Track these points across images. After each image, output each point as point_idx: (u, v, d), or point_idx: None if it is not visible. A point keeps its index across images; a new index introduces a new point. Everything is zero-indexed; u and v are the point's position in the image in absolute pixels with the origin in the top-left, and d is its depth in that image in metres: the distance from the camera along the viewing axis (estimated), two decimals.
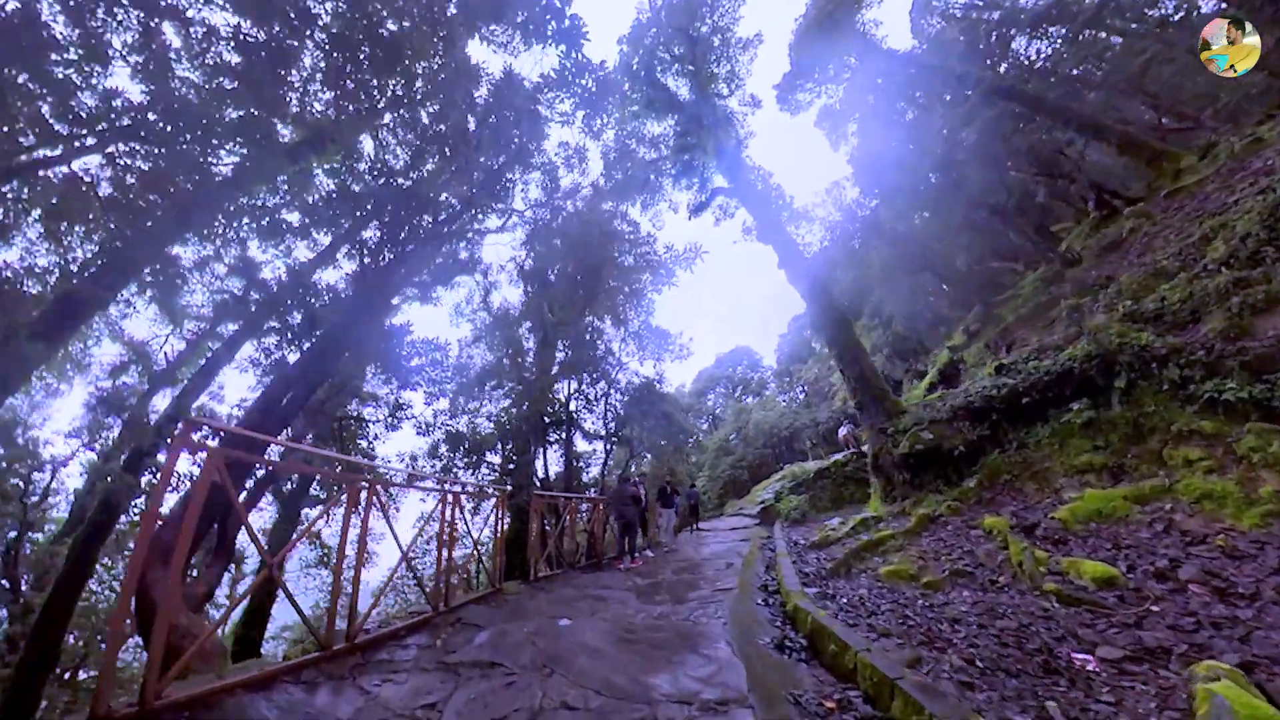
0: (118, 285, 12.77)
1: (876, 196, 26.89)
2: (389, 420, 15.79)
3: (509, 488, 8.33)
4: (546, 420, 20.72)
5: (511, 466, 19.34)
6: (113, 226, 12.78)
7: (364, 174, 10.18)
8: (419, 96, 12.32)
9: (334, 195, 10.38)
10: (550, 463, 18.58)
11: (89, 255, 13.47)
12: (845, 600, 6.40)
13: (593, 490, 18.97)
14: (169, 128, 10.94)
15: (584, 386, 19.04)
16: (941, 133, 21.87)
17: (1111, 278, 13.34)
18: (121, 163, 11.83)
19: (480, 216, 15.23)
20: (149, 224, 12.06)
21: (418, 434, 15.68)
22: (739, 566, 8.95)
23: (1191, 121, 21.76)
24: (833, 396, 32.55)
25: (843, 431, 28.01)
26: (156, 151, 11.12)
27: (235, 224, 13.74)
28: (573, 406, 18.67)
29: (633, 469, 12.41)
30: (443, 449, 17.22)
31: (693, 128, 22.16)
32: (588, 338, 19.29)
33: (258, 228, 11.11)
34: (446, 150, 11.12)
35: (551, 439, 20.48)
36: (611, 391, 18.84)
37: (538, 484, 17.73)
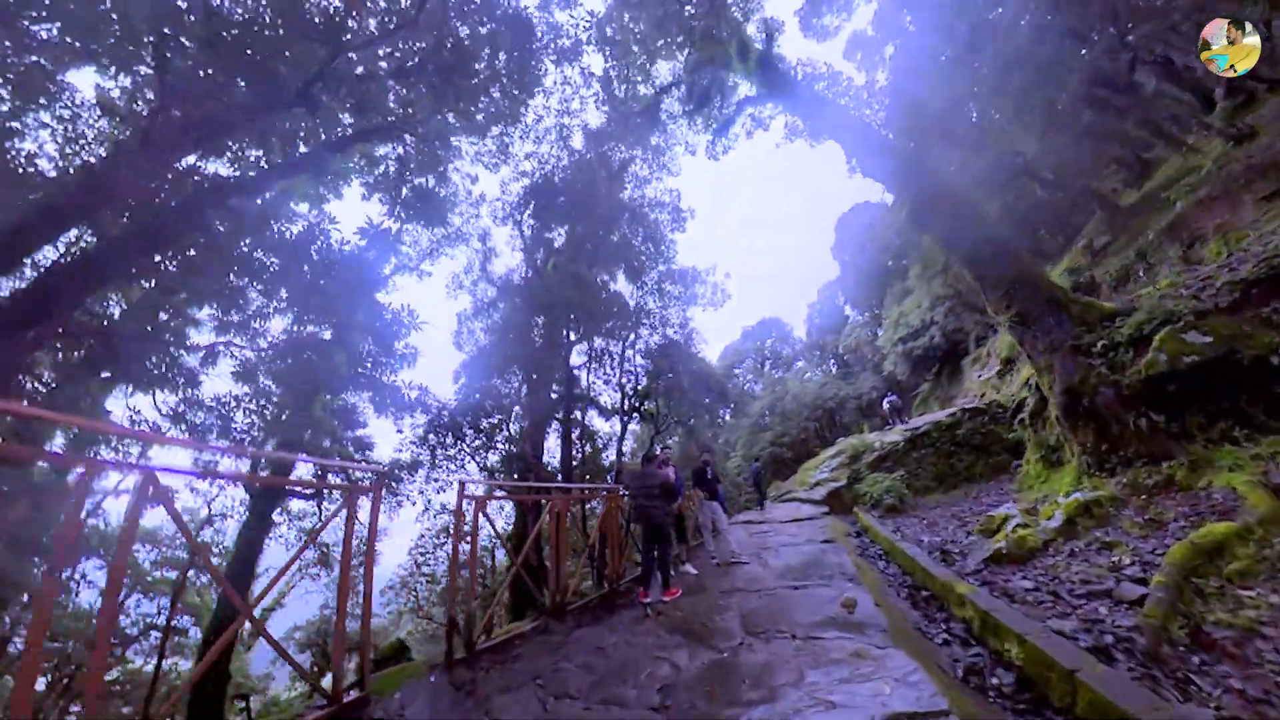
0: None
1: (918, 130, 21.61)
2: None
3: (376, 477, 3.81)
4: (555, 395, 16.28)
5: (513, 450, 14.94)
6: None
7: None
8: None
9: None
10: (560, 446, 14.06)
11: None
12: None
13: (611, 478, 14.41)
14: None
15: (596, 349, 14.46)
16: (1018, 23, 16.54)
17: None
18: None
19: (444, 111, 10.67)
20: None
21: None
22: (873, 610, 4.23)
23: None
24: (879, 363, 27.26)
25: (886, 403, 23.01)
26: None
27: None
28: (578, 365, 14.10)
29: (657, 450, 7.56)
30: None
31: (708, 43, 17.39)
32: (600, 295, 14.71)
33: None
34: None
35: (566, 415, 16.01)
36: (631, 354, 14.23)
37: (519, 473, 13.25)
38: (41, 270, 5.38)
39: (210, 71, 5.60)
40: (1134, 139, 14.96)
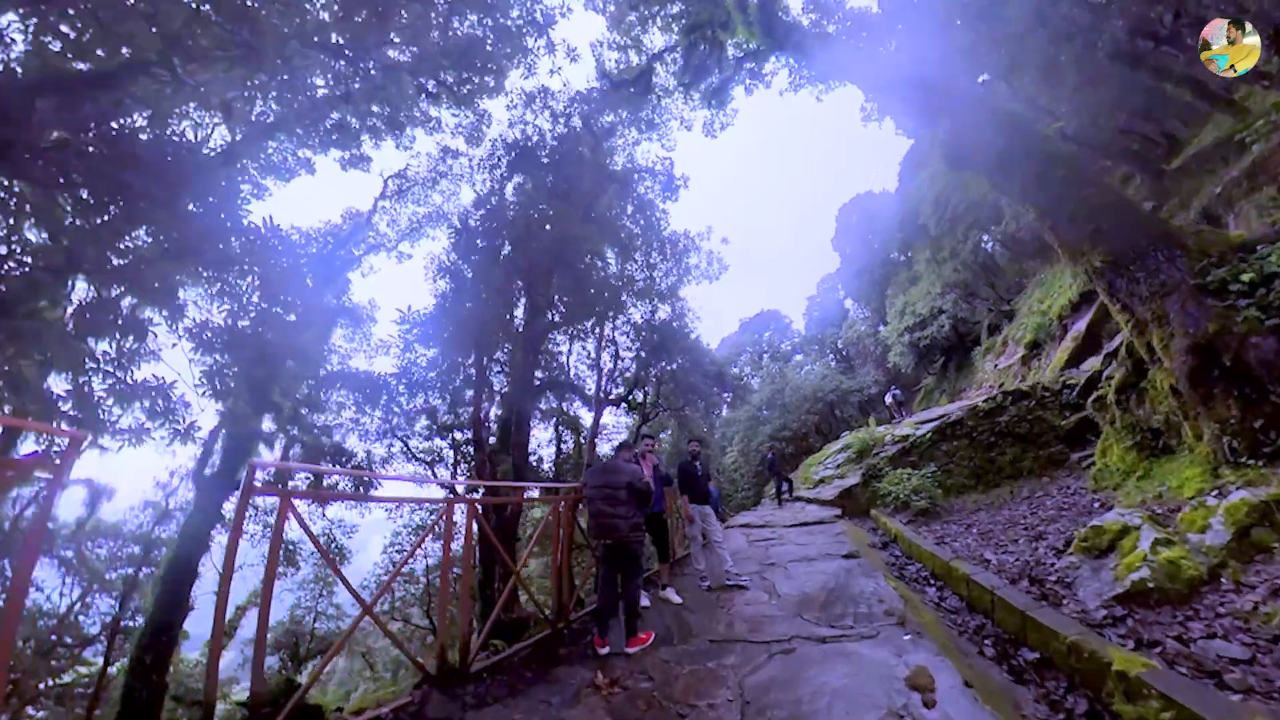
0: None
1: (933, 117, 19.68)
2: None
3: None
4: (539, 382, 14.47)
5: (491, 441, 13.09)
6: None
7: None
8: None
9: None
10: (514, 434, 12.14)
11: None
12: None
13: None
14: None
15: (578, 328, 12.62)
16: None
17: None
18: None
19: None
20: None
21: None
22: (968, 701, 2.40)
23: None
24: (881, 356, 25.48)
25: (889, 397, 21.44)
26: None
27: None
28: (558, 345, 12.28)
29: (640, 447, 5.23)
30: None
31: (705, 4, 15.57)
32: (585, 272, 12.92)
33: None
34: None
35: (547, 405, 14.19)
36: (611, 332, 12.40)
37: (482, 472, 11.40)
38: None
39: None
40: (1171, 99, 13.12)
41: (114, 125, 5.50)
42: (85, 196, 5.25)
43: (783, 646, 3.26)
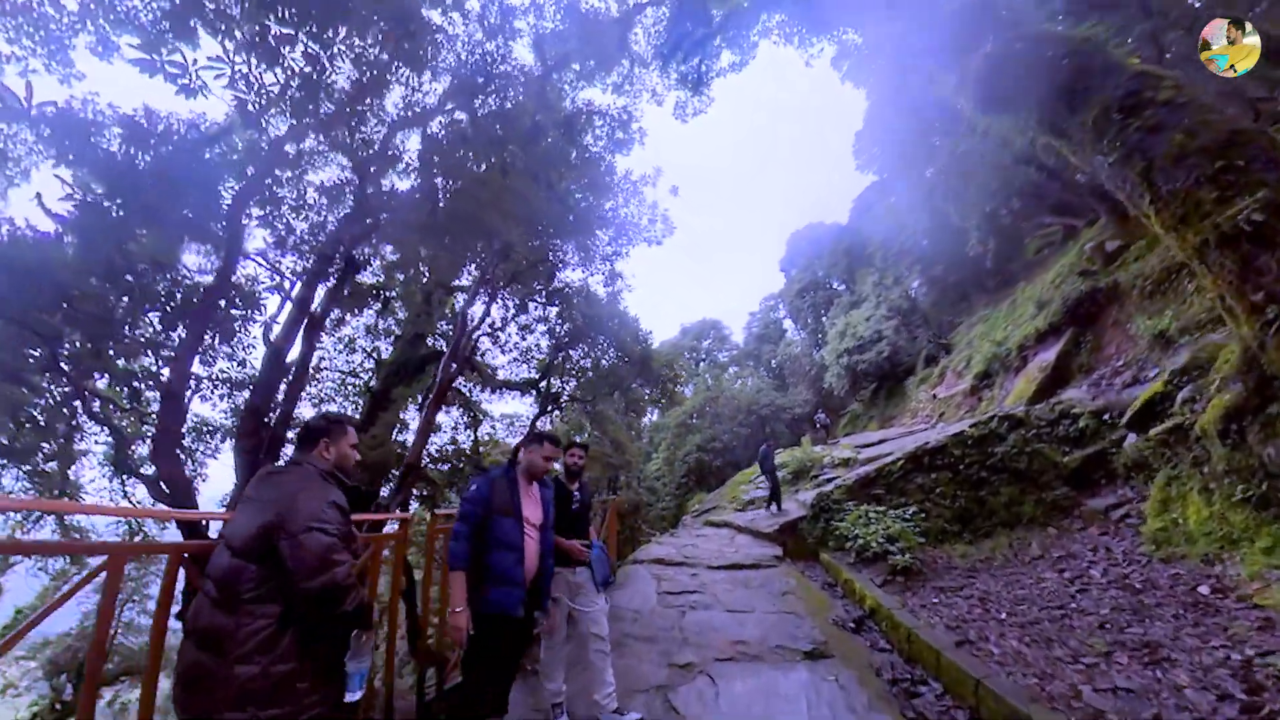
0: None
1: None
2: None
3: None
4: (425, 350, 11.26)
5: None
6: None
7: None
8: None
9: None
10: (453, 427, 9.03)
11: None
12: None
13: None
14: None
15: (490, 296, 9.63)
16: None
17: None
18: None
19: None
20: None
21: None
22: None
23: None
24: (816, 377, 24.48)
25: (816, 420, 20.49)
26: None
27: None
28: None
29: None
30: None
31: None
32: (508, 231, 9.97)
33: None
34: None
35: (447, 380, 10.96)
36: (526, 304, 9.55)
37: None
38: None
39: None
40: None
41: None
42: None
43: None
